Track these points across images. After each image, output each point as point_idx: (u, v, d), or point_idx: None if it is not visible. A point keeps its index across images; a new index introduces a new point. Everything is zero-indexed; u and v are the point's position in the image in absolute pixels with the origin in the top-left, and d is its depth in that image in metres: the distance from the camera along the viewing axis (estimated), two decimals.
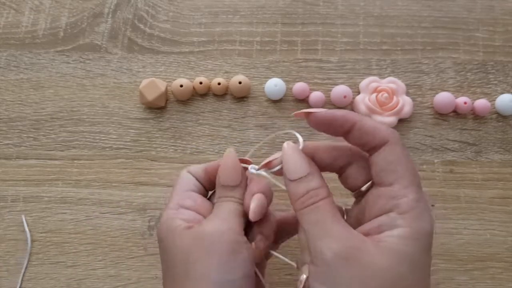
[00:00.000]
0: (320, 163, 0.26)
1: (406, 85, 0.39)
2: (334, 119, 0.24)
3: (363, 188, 0.26)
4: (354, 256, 0.21)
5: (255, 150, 0.38)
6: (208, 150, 0.38)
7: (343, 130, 0.25)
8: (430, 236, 0.23)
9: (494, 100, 0.39)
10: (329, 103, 0.40)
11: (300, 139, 0.26)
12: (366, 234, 0.23)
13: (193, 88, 0.40)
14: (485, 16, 0.42)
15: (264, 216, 0.28)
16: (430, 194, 0.37)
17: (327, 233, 0.22)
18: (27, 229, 0.36)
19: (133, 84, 0.40)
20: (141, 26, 0.42)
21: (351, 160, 0.26)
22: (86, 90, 0.40)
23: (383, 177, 0.23)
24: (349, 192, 0.27)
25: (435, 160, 0.38)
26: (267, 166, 0.27)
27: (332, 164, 0.26)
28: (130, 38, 0.42)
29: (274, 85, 0.39)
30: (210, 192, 0.30)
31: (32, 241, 0.36)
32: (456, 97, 0.39)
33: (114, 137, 0.39)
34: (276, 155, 0.26)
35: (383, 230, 0.22)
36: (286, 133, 0.29)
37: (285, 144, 0.25)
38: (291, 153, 0.25)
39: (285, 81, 0.39)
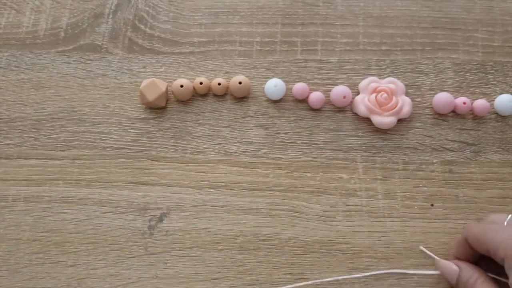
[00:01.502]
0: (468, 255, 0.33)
1: (406, 85, 0.40)
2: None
3: None
4: None
5: (255, 150, 0.39)
6: (208, 150, 0.39)
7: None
8: None
9: (493, 100, 0.39)
10: (328, 103, 0.40)
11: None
12: None
13: (194, 88, 0.40)
14: (484, 17, 0.42)
15: None
16: (429, 194, 0.37)
17: None
18: None
19: (134, 85, 0.40)
20: (142, 26, 0.42)
21: None
22: (87, 90, 0.40)
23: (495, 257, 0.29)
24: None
25: (434, 160, 0.38)
26: None
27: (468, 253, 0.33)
28: (131, 38, 0.42)
29: (274, 85, 0.39)
30: None
31: (33, 240, 0.36)
32: (455, 97, 0.39)
33: (115, 137, 0.39)
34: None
35: None
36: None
37: (437, 263, 0.34)
38: (441, 266, 0.33)
39: (285, 81, 0.40)
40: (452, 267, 0.32)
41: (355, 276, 0.34)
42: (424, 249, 0.35)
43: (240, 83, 0.39)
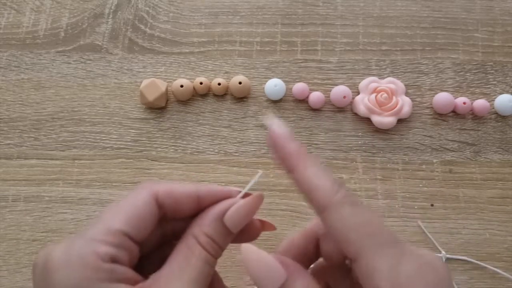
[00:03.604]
0: (305, 255, 0.22)
1: (406, 85, 0.40)
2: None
3: (347, 262, 0.21)
4: None
5: (255, 150, 0.39)
6: (208, 150, 0.39)
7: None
8: None
9: (493, 100, 0.39)
10: (328, 103, 0.40)
11: (257, 177, 0.22)
12: None
13: (194, 88, 0.40)
14: (484, 17, 0.42)
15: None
16: (429, 194, 0.37)
17: None
18: None
19: (134, 85, 0.40)
20: (142, 26, 0.42)
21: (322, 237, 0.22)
22: (87, 90, 0.40)
23: (346, 251, 0.18)
24: None
25: (434, 160, 0.38)
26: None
27: (309, 252, 0.22)
28: (131, 38, 0.42)
29: (274, 85, 0.39)
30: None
31: (33, 240, 0.36)
32: (455, 97, 0.39)
33: (115, 137, 0.39)
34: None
35: None
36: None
37: (243, 257, 0.20)
38: (256, 264, 0.19)
39: (285, 81, 0.40)
40: (279, 269, 0.19)
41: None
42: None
43: (240, 83, 0.39)
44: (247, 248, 0.20)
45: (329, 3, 0.43)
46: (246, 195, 0.22)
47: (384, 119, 0.38)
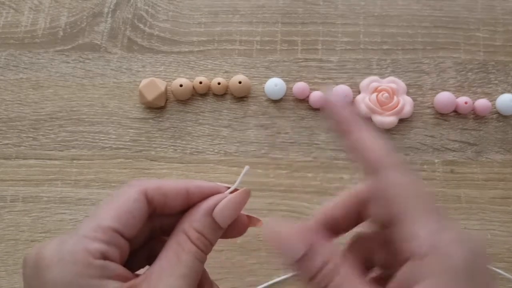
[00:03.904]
0: (338, 227, 0.22)
1: (407, 84, 0.39)
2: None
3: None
4: None
5: (255, 150, 0.38)
6: (208, 150, 0.38)
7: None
8: (467, 270, 0.17)
9: (495, 100, 0.39)
10: None
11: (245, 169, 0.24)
12: None
13: (193, 87, 0.39)
14: (486, 16, 0.42)
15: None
16: None
17: None
18: None
19: (133, 84, 0.40)
20: (141, 25, 0.42)
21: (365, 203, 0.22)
22: (86, 89, 0.40)
23: (390, 214, 0.18)
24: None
25: (436, 160, 0.38)
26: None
27: (349, 221, 0.22)
28: (130, 37, 0.42)
29: (274, 84, 0.39)
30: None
31: (31, 241, 0.36)
32: (457, 97, 0.39)
33: (114, 137, 0.39)
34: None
35: (406, 287, 0.17)
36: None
37: (264, 229, 0.20)
38: (274, 236, 0.19)
39: (285, 80, 0.39)
40: (298, 242, 0.19)
41: None
42: None
43: (240, 82, 0.39)
44: (269, 221, 0.20)
45: (330, 2, 0.43)
46: (234, 191, 0.23)
47: (385, 119, 0.38)
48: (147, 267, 0.21)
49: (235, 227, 0.23)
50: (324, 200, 0.23)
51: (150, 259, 0.21)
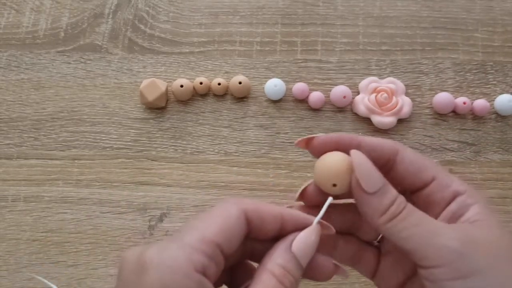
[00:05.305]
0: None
1: (406, 85, 0.40)
2: (340, 139, 0.23)
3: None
4: (473, 239, 0.20)
5: (255, 150, 0.38)
6: (208, 150, 0.39)
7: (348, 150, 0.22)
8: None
9: (493, 100, 0.39)
10: (328, 103, 0.40)
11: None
12: None
13: (193, 88, 0.40)
14: (484, 17, 0.42)
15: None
16: None
17: (440, 228, 0.20)
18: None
19: (134, 84, 0.40)
20: (142, 26, 0.42)
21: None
22: (87, 90, 0.40)
23: (423, 173, 0.22)
24: None
25: (435, 160, 0.38)
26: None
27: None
28: (131, 38, 0.42)
29: (274, 85, 0.39)
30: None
31: (33, 240, 0.36)
32: (455, 97, 0.39)
33: (115, 137, 0.39)
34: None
35: (459, 216, 0.21)
36: None
37: (353, 152, 0.21)
38: (364, 162, 0.21)
39: (285, 81, 0.40)
40: (380, 176, 0.21)
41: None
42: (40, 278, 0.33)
43: (240, 83, 0.39)
44: (356, 153, 0.21)
45: (329, 3, 0.43)
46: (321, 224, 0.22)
47: (384, 119, 0.38)
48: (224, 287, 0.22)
49: (320, 270, 0.22)
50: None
51: (228, 282, 0.22)
